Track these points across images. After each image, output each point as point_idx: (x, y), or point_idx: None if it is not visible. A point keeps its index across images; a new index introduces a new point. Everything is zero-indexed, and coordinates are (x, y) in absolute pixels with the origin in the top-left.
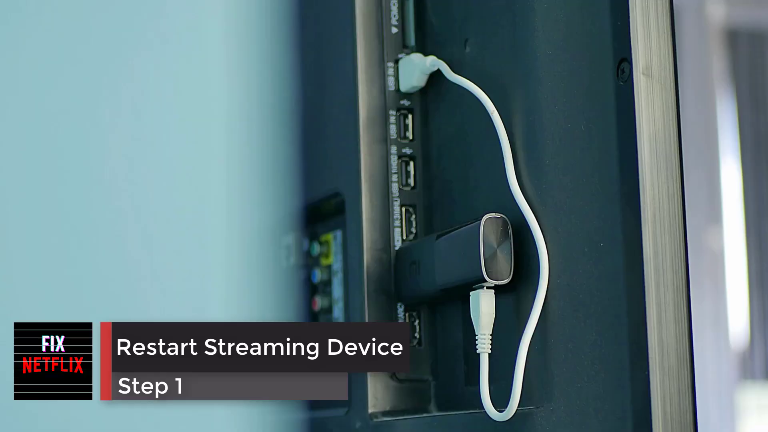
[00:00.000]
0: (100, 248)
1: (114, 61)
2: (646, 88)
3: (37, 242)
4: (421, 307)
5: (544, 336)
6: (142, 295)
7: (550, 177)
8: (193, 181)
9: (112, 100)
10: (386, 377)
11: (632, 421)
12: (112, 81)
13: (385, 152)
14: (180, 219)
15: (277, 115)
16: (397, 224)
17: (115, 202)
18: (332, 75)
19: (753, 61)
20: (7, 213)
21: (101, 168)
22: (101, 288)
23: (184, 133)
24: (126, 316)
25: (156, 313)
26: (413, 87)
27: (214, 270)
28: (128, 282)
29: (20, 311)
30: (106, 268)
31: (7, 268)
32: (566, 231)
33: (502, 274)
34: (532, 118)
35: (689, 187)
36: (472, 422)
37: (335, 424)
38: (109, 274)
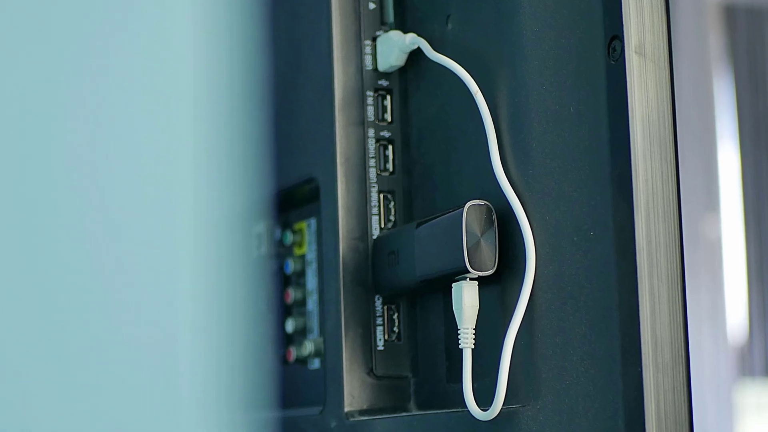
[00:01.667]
0: (60, 237)
1: (72, 35)
2: (639, 68)
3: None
4: (401, 300)
5: (531, 330)
6: (103, 287)
7: (537, 161)
8: (157, 166)
9: (71, 76)
10: (363, 374)
11: (624, 420)
12: (71, 56)
13: (362, 135)
14: (144, 206)
15: (248, 96)
16: (375, 212)
17: (74, 187)
18: (306, 53)
19: (752, 39)
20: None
21: (60, 151)
22: (61, 279)
23: (148, 115)
24: (88, 310)
25: (119, 307)
26: (392, 66)
27: (180, 260)
28: (89, 273)
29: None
30: (65, 258)
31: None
32: (554, 219)
33: (486, 265)
34: (517, 99)
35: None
36: (454, 422)
37: (309, 424)
38: (69, 264)
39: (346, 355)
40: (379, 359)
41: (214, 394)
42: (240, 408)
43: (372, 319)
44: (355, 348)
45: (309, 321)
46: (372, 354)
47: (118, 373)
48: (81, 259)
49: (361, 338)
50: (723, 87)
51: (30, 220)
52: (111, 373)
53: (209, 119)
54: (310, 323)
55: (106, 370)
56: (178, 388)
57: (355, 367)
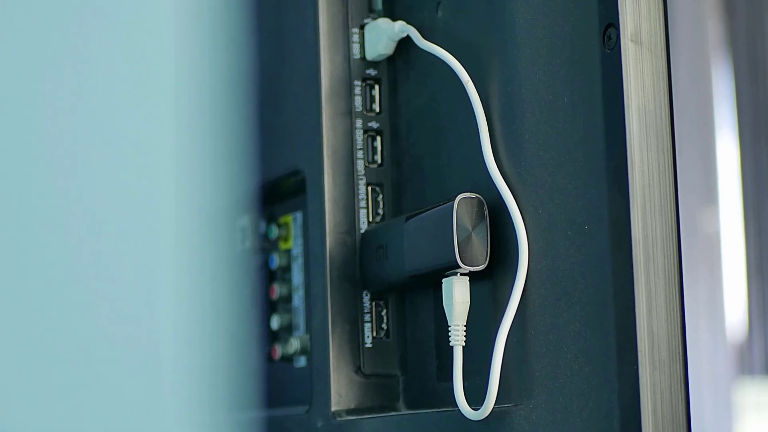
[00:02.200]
0: (39, 230)
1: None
2: (635, 56)
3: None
4: (389, 296)
5: (524, 327)
6: (83, 283)
7: (530, 153)
8: (139, 158)
9: (50, 65)
10: (351, 372)
11: (619, 420)
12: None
13: (349, 126)
14: (125, 200)
15: (231, 86)
16: (363, 205)
17: (53, 181)
18: (291, 42)
19: (751, 27)
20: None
21: (40, 143)
22: (40, 275)
23: (128, 105)
24: (67, 307)
25: (99, 304)
26: (380, 55)
27: (162, 255)
28: (68, 269)
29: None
30: (44, 254)
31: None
32: (547, 212)
33: (477, 260)
34: (510, 89)
35: (682, 164)
36: (444, 421)
37: (295, 424)
38: (47, 260)
39: (333, 352)
40: (367, 357)
41: (197, 394)
42: (224, 408)
43: (360, 315)
44: (343, 345)
45: (295, 317)
46: (360, 351)
47: (99, 372)
48: (60, 254)
49: (349, 335)
50: (722, 76)
51: (7, 211)
52: (91, 372)
53: (192, 110)
54: (295, 320)
55: (86, 369)
56: (159, 388)
57: (342, 365)
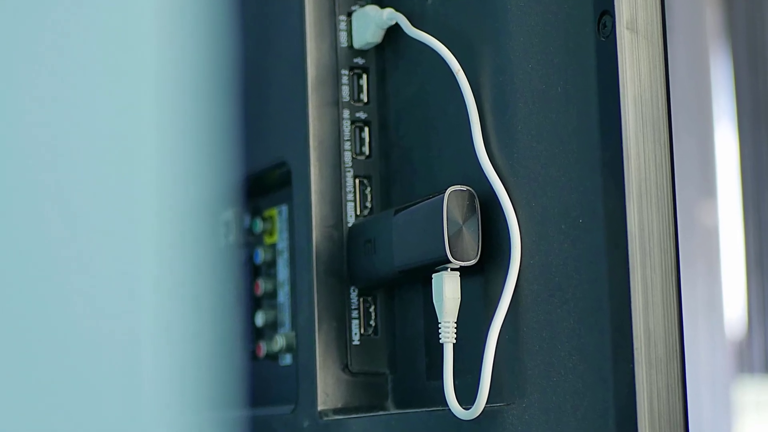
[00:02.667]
0: (16, 224)
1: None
2: (631, 45)
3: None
4: (378, 292)
5: (516, 324)
6: (60, 278)
7: (523, 144)
8: (119, 149)
9: (29, 55)
10: (338, 370)
11: (615, 419)
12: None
13: (336, 116)
14: (104, 193)
15: (215, 76)
16: (350, 198)
17: (32, 171)
18: (277, 29)
19: (751, 15)
20: None
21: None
22: (16, 268)
23: (109, 96)
24: (45, 303)
25: (78, 300)
26: (368, 43)
27: (143, 250)
28: (45, 264)
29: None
30: (21, 246)
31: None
32: (541, 205)
33: (468, 254)
34: (502, 79)
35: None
36: (434, 421)
37: (281, 424)
38: (24, 252)
39: (320, 350)
40: (355, 355)
41: (179, 393)
42: (206, 407)
43: (347, 312)
44: (329, 343)
45: (280, 314)
46: (347, 349)
47: (77, 370)
48: (37, 249)
49: (336, 332)
50: (720, 65)
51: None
52: (69, 369)
53: (174, 100)
54: (281, 316)
55: (64, 367)
56: (140, 386)
57: (329, 363)
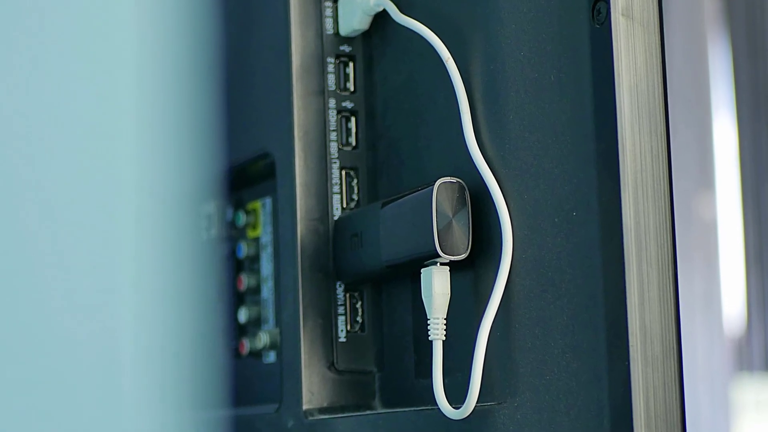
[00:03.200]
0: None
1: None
2: (626, 32)
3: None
4: (365, 287)
5: (508, 320)
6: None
7: (515, 135)
8: (97, 140)
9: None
10: (323, 368)
11: (610, 419)
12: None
13: (322, 106)
14: (83, 185)
15: (196, 63)
16: (336, 190)
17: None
18: (260, 16)
19: (750, 1)
20: None
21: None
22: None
23: (86, 84)
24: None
25: (54, 296)
26: (355, 30)
27: (122, 243)
28: (21, 257)
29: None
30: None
31: None
32: (533, 198)
33: (458, 249)
34: (493, 67)
35: (676, 146)
36: (423, 420)
37: (264, 423)
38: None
39: (305, 347)
40: (341, 352)
41: (159, 391)
42: (188, 406)
43: (333, 308)
44: (315, 340)
45: (264, 310)
46: (333, 346)
47: (54, 369)
48: (12, 242)
49: (321, 329)
50: (719, 53)
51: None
52: (45, 367)
53: (154, 89)
54: (264, 313)
55: (40, 364)
56: (119, 386)
57: (314, 360)
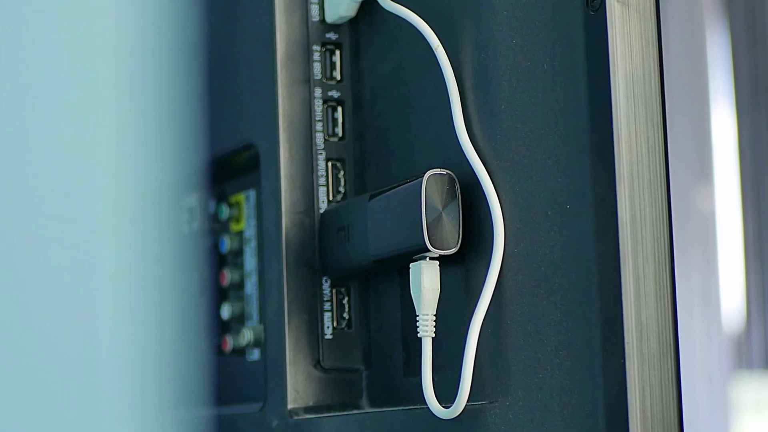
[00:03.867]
0: None
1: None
2: (622, 19)
3: None
4: (352, 282)
5: (499, 317)
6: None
7: (507, 125)
8: (76, 130)
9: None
10: (309, 366)
11: (605, 418)
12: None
13: (307, 95)
14: (61, 176)
15: (179, 52)
16: (322, 182)
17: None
18: (244, 2)
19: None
20: None
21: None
22: None
23: (65, 72)
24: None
25: (32, 292)
26: (342, 17)
27: (102, 237)
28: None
29: None
30: None
31: None
32: (525, 190)
33: (448, 243)
34: (484, 55)
35: (673, 137)
36: (411, 420)
37: (248, 423)
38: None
39: (290, 344)
40: (327, 350)
41: (139, 389)
42: (169, 405)
43: (319, 304)
44: (300, 337)
45: (247, 306)
46: (319, 344)
47: (32, 366)
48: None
49: (307, 326)
50: (717, 41)
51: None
52: (22, 364)
53: (134, 77)
54: (248, 309)
55: (17, 361)
56: (98, 383)
57: (299, 358)
